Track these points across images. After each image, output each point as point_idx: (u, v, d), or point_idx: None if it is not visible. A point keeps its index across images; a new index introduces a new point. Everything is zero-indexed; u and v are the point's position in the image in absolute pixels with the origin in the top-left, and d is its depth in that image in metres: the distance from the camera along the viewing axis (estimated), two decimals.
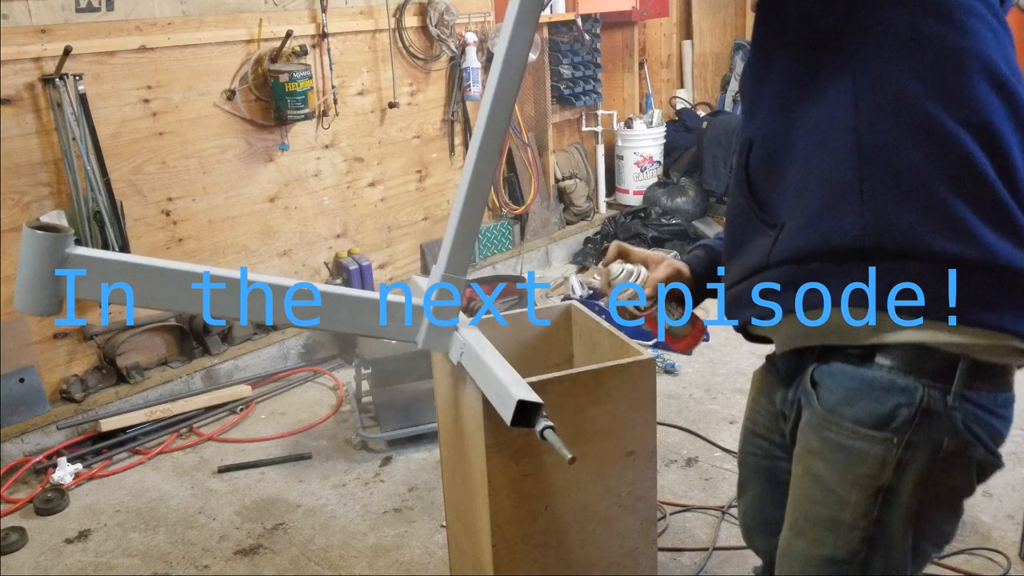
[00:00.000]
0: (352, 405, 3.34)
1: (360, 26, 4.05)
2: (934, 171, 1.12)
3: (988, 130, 1.13)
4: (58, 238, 1.43)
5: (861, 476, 1.20)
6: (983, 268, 1.12)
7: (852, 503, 1.21)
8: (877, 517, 1.20)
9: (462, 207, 1.68)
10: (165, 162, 3.47)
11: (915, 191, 1.13)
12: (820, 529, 1.25)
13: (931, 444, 1.17)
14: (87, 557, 2.63)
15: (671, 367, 3.63)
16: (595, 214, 5.55)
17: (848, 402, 1.21)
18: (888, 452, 1.17)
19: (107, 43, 3.23)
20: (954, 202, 1.12)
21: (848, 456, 1.20)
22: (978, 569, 2.33)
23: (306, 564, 2.53)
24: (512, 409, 1.44)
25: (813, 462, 1.26)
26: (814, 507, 1.26)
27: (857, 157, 1.15)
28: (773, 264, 1.24)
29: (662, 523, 2.58)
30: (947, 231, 1.11)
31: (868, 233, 1.14)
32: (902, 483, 1.18)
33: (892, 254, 1.14)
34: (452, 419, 1.92)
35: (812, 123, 1.20)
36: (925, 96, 1.12)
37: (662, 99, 6.29)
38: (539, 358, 2.08)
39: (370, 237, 4.31)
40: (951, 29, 1.13)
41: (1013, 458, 2.85)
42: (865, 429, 1.19)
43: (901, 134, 1.14)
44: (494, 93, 1.58)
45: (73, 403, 3.26)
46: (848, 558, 1.23)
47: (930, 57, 1.13)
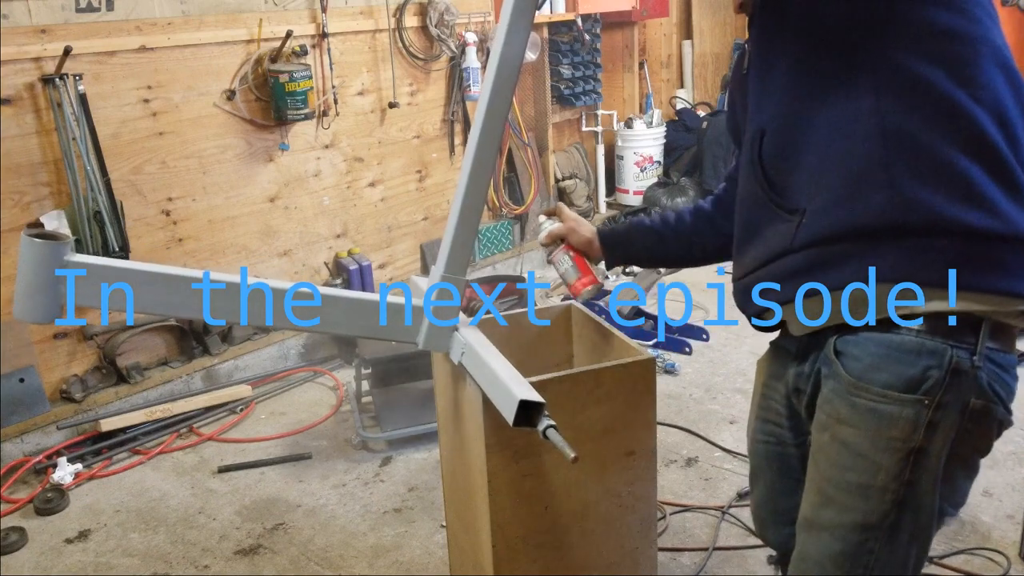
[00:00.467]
0: (352, 405, 3.34)
1: (360, 26, 4.05)
2: (956, 150, 1.18)
3: (1000, 110, 1.20)
4: (56, 246, 1.43)
5: (893, 439, 1.23)
6: (1004, 238, 1.18)
7: (884, 467, 1.24)
8: (908, 479, 1.23)
9: (461, 207, 1.68)
10: (165, 162, 3.47)
11: (939, 169, 1.18)
12: (851, 495, 1.27)
13: (960, 404, 1.21)
14: (87, 557, 2.63)
15: (671, 367, 3.63)
16: (595, 214, 5.55)
17: (876, 367, 1.23)
18: (919, 414, 1.21)
19: (107, 43, 3.23)
20: (976, 178, 1.17)
21: (879, 421, 1.23)
22: (978, 569, 2.33)
23: (306, 564, 2.53)
24: (515, 409, 1.44)
25: (841, 429, 1.28)
26: (844, 474, 1.28)
27: (882, 140, 1.20)
28: (798, 248, 1.27)
29: (662, 523, 2.59)
30: (971, 205, 1.17)
31: (896, 211, 1.19)
32: (932, 444, 1.22)
33: (919, 231, 1.19)
34: (452, 419, 1.92)
35: (830, 111, 1.24)
36: (946, 80, 1.18)
37: (662, 99, 6.29)
38: (539, 358, 2.08)
39: (370, 237, 4.31)
40: (961, 18, 1.20)
41: (1013, 458, 2.85)
42: (896, 393, 1.22)
43: (924, 116, 1.19)
44: (490, 91, 1.58)
45: (73, 403, 3.26)
46: (879, 522, 1.25)
47: (945, 44, 1.20)
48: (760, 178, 1.34)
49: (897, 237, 1.20)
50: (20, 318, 1.45)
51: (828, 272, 1.25)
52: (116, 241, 3.24)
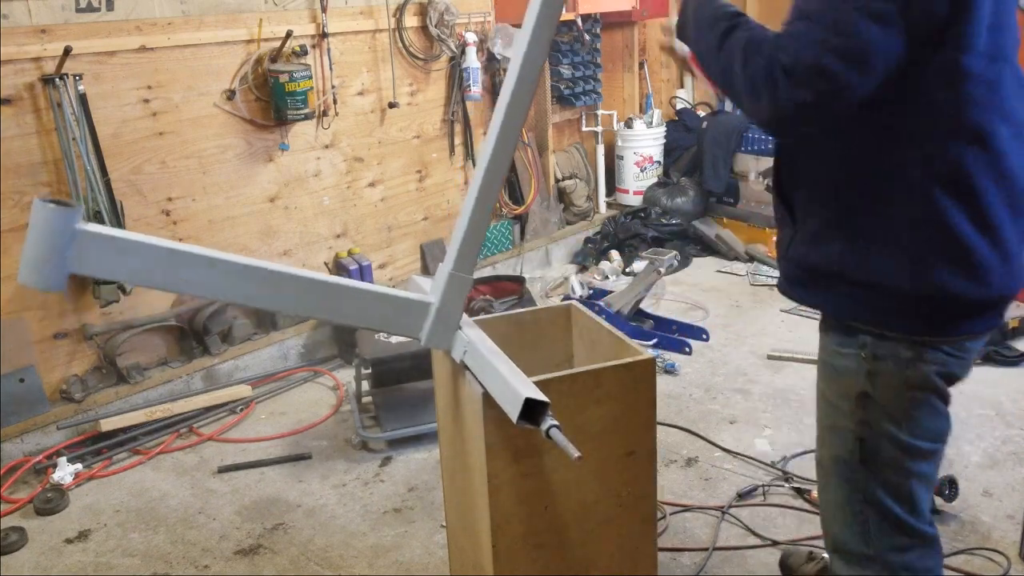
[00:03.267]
0: (352, 405, 3.34)
1: (360, 26, 4.05)
2: (906, 222, 1.39)
3: (960, 186, 1.38)
4: (68, 212, 1.43)
5: (844, 386, 1.53)
6: (924, 297, 1.42)
7: (843, 410, 1.53)
8: (862, 418, 1.51)
9: (474, 206, 1.69)
10: (165, 162, 3.47)
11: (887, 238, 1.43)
12: (829, 435, 1.59)
13: (892, 356, 1.46)
14: (87, 557, 2.63)
15: (671, 367, 3.63)
16: (595, 214, 5.55)
17: (834, 331, 1.54)
18: (860, 364, 1.49)
19: (107, 43, 3.23)
20: (917, 251, 1.40)
21: (834, 372, 1.55)
22: (978, 569, 2.33)
23: (306, 564, 2.53)
24: (519, 406, 1.44)
25: (819, 383, 1.61)
26: (824, 419, 1.61)
27: (838, 200, 1.46)
28: (788, 258, 1.56)
29: (662, 523, 2.58)
30: (908, 273, 1.41)
31: (847, 266, 1.46)
32: (876, 389, 1.48)
33: (859, 282, 1.45)
34: (452, 419, 1.92)
35: (809, 158, 1.50)
36: (910, 162, 1.38)
37: (662, 99, 6.29)
38: (539, 358, 2.08)
39: (370, 237, 4.31)
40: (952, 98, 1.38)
41: (1013, 458, 2.85)
42: (841, 348, 1.51)
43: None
44: (511, 95, 1.60)
45: (73, 403, 3.26)
46: (849, 456, 1.54)
47: (921, 132, 1.39)
48: (776, 183, 1.59)
49: (845, 283, 1.46)
50: (24, 283, 1.44)
51: (804, 291, 1.56)
52: None
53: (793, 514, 2.60)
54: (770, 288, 4.61)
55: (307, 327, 3.94)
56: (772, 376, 3.53)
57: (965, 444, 2.93)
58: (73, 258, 1.43)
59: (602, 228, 5.35)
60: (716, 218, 5.45)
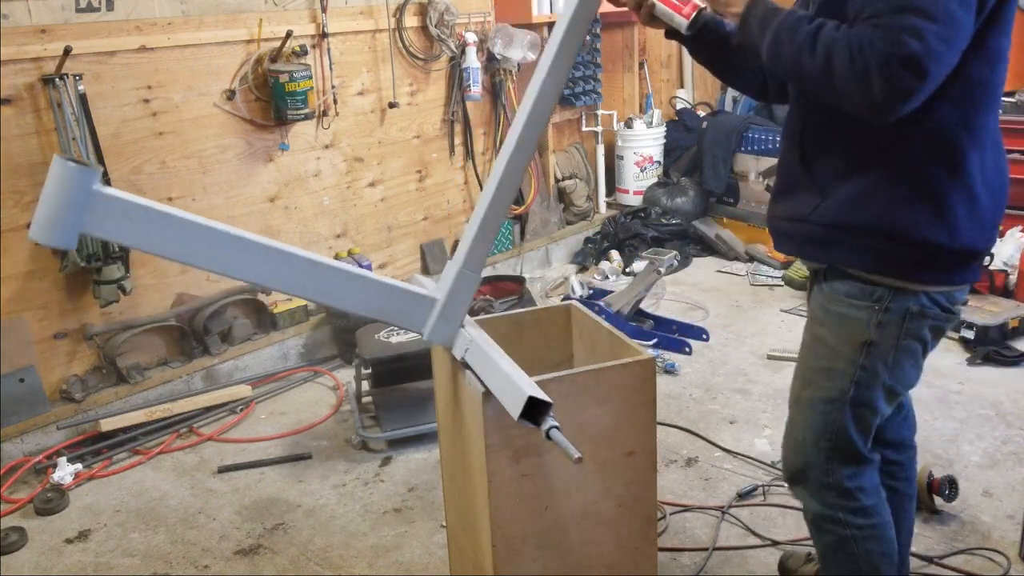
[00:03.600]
0: (352, 405, 3.34)
1: (360, 26, 4.06)
2: (947, 184, 1.55)
3: (1000, 147, 1.61)
4: (88, 172, 1.43)
5: (852, 334, 1.66)
6: (957, 250, 1.59)
7: (844, 355, 1.67)
8: (862, 363, 1.66)
9: (488, 206, 1.69)
10: (165, 162, 3.47)
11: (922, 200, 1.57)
12: (821, 377, 1.71)
13: (902, 310, 1.62)
14: (87, 557, 2.63)
15: (671, 367, 3.63)
16: (595, 214, 5.55)
17: (845, 282, 1.66)
18: (871, 315, 1.63)
19: (107, 43, 3.23)
20: (955, 209, 1.56)
21: (842, 320, 1.67)
22: (978, 569, 2.33)
23: (306, 564, 2.53)
24: (522, 404, 1.44)
25: (817, 328, 1.73)
26: (818, 361, 1.72)
27: (882, 165, 1.58)
28: (813, 221, 1.66)
29: (662, 523, 2.59)
30: (933, 229, 1.57)
31: (883, 222, 1.59)
32: (882, 338, 1.64)
33: (894, 237, 1.58)
34: (452, 419, 1.92)
35: (849, 129, 1.59)
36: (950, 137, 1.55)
37: (662, 99, 6.29)
38: (539, 358, 2.08)
39: (370, 237, 4.31)
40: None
41: (1013, 458, 2.85)
42: (855, 300, 1.64)
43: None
44: (535, 100, 1.61)
45: (73, 403, 3.26)
46: (840, 396, 1.69)
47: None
48: (797, 155, 1.69)
49: (873, 237, 1.59)
50: (35, 239, 1.44)
51: (828, 250, 1.66)
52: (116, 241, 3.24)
53: (793, 514, 2.60)
54: (770, 288, 4.61)
55: (307, 327, 3.95)
56: (772, 376, 3.53)
57: (965, 444, 2.93)
58: (88, 219, 1.44)
59: (602, 228, 5.36)
60: (716, 218, 5.45)
